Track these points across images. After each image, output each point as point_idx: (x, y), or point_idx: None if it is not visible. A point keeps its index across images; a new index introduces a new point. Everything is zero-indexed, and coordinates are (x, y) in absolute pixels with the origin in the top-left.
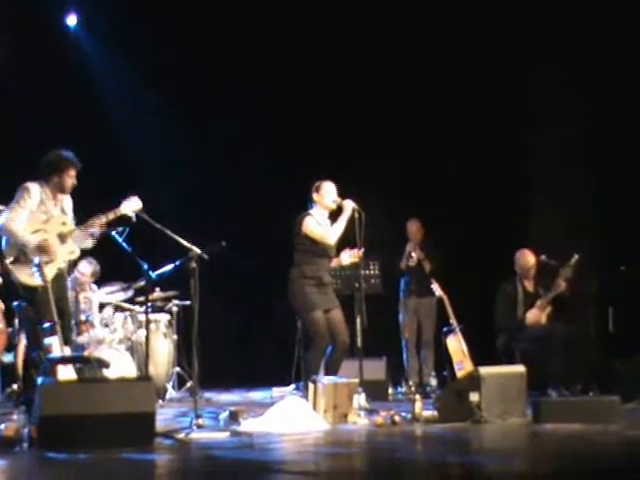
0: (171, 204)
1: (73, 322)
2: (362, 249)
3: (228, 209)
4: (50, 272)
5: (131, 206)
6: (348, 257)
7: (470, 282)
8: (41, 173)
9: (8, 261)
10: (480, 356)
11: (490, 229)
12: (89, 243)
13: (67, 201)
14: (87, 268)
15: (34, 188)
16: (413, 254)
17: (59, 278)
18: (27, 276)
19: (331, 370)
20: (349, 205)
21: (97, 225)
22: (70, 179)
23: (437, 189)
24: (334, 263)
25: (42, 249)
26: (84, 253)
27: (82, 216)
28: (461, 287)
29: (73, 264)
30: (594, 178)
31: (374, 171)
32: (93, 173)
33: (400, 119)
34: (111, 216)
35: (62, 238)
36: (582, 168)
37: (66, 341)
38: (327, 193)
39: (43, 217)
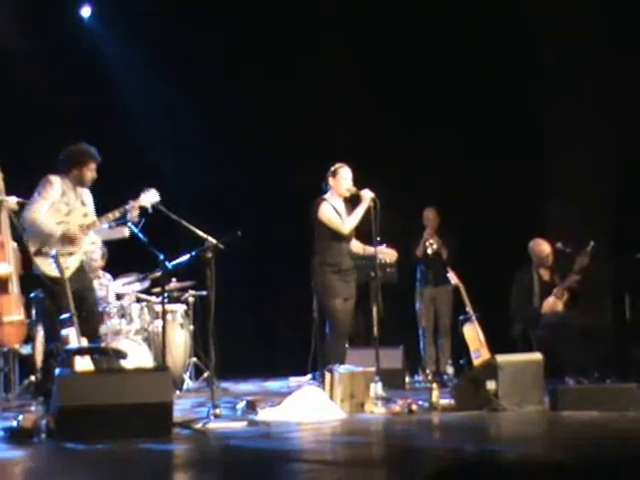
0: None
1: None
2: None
3: (243, 198)
4: (74, 263)
5: (149, 198)
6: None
7: (486, 270)
8: (61, 166)
9: (32, 252)
10: (497, 344)
11: (506, 217)
12: (125, 232)
13: (87, 194)
14: (96, 253)
15: (55, 180)
16: (432, 241)
17: (81, 269)
18: (51, 267)
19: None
20: (367, 195)
21: (117, 216)
22: (90, 172)
23: (453, 177)
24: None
25: (66, 239)
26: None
27: (102, 209)
28: (477, 275)
29: None
30: (610, 166)
31: (389, 159)
32: (107, 166)
33: (416, 106)
34: (130, 207)
35: (83, 229)
36: (598, 156)
37: (94, 330)
38: (343, 180)
39: (65, 209)
